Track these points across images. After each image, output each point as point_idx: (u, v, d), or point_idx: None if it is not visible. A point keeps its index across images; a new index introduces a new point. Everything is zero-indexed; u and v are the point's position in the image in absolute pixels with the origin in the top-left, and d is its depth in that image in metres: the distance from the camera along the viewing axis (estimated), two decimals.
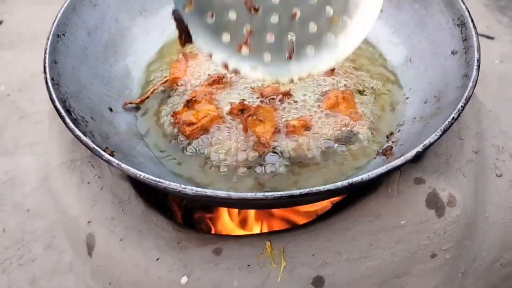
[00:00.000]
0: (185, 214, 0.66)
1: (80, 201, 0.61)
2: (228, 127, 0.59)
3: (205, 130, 0.59)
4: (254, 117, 0.57)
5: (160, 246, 0.56)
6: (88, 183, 0.62)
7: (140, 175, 0.44)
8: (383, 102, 0.63)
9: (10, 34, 1.52)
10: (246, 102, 0.60)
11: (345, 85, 0.63)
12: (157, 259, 0.55)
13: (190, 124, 0.59)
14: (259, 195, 0.42)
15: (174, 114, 0.61)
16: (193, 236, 0.57)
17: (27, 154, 1.25)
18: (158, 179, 0.44)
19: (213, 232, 0.65)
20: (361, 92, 0.63)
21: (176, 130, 0.60)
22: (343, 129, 0.58)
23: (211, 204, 0.60)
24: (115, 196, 0.61)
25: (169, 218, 0.60)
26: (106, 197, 0.61)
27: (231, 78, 0.63)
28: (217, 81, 0.63)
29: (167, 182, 0.44)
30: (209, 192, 0.43)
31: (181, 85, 0.65)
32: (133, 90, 0.66)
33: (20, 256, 1.08)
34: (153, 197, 0.61)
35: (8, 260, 1.07)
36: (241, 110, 0.58)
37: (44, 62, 0.55)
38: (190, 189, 0.43)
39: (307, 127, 0.58)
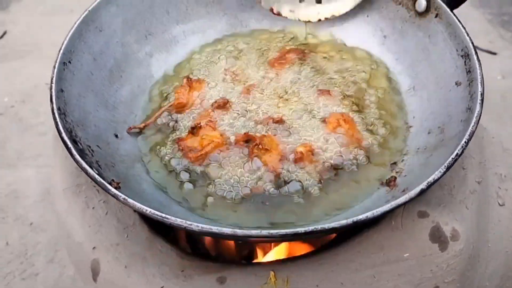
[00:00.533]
0: (189, 239, 0.67)
1: (85, 226, 0.61)
2: (233, 155, 0.59)
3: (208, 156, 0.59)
4: (260, 146, 0.58)
5: (164, 273, 0.57)
6: (93, 208, 0.62)
7: (146, 210, 0.45)
8: (386, 128, 0.63)
9: (13, 44, 1.53)
10: (251, 133, 0.60)
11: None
12: (161, 287, 0.56)
13: (195, 150, 0.60)
14: (264, 232, 0.43)
15: (179, 141, 0.61)
16: (197, 263, 0.58)
17: (30, 166, 1.26)
18: (164, 215, 0.44)
19: (214, 255, 0.65)
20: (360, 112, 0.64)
21: (179, 156, 0.60)
22: (346, 156, 0.59)
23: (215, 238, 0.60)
24: (120, 222, 0.61)
25: (173, 244, 0.60)
26: (111, 223, 0.61)
27: (232, 104, 0.64)
28: (221, 106, 0.63)
29: (173, 218, 0.44)
30: (214, 229, 0.43)
31: (186, 110, 0.65)
32: (138, 115, 0.66)
33: (23, 270, 1.08)
34: (157, 223, 0.62)
35: (11, 273, 1.08)
36: (246, 141, 0.59)
37: (51, 92, 0.55)
38: (196, 226, 0.43)
39: (312, 153, 0.58)
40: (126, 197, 0.46)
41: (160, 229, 0.61)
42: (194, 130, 0.61)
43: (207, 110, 0.64)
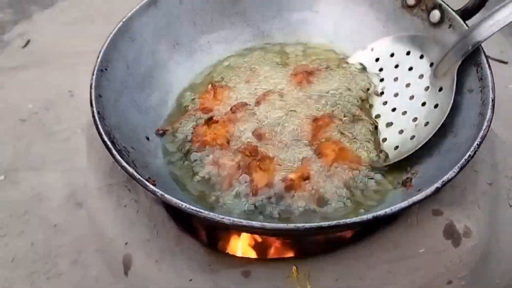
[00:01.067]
0: (213, 237, 0.71)
1: (117, 224, 0.65)
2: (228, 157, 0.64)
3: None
4: (258, 163, 0.61)
5: (193, 267, 0.60)
6: (125, 206, 0.66)
7: (182, 205, 0.48)
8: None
9: (37, 53, 1.58)
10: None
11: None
12: (190, 280, 0.59)
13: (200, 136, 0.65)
14: (291, 226, 0.46)
15: (195, 127, 0.66)
16: (223, 259, 0.61)
17: (54, 170, 1.30)
18: (198, 209, 0.48)
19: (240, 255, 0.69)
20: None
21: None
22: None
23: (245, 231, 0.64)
24: (150, 220, 0.65)
25: (200, 241, 0.64)
26: (142, 220, 0.65)
27: (248, 110, 0.67)
28: (239, 108, 0.67)
29: (206, 212, 0.48)
30: (244, 222, 0.47)
31: (209, 114, 0.69)
32: (166, 119, 0.70)
33: (47, 270, 1.12)
34: (185, 220, 0.66)
35: (36, 273, 1.12)
36: (250, 152, 0.63)
37: (91, 97, 0.59)
38: (227, 219, 0.47)
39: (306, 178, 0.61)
40: (164, 193, 0.50)
41: (188, 227, 0.65)
42: (209, 122, 0.66)
43: (227, 112, 0.68)
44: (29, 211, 1.22)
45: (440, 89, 0.62)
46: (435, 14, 0.68)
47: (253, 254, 0.69)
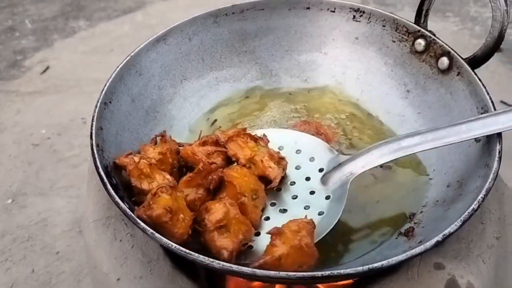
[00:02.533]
0: (210, 276, 0.69)
1: (111, 258, 0.64)
2: None
3: None
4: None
5: None
6: (120, 240, 0.65)
7: (172, 245, 0.47)
8: (406, 180, 0.65)
9: (55, 79, 1.62)
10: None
11: None
12: None
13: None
14: (282, 274, 0.45)
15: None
16: None
17: (61, 196, 1.31)
18: (187, 251, 0.47)
19: None
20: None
21: None
22: None
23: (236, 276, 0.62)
24: (144, 255, 0.64)
25: (194, 280, 0.62)
26: (136, 256, 0.64)
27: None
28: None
29: (196, 255, 0.46)
30: (234, 267, 0.45)
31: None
32: None
33: None
34: (179, 259, 0.64)
35: None
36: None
37: (91, 129, 0.59)
38: (217, 263, 0.46)
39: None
40: (154, 232, 0.49)
41: (182, 265, 0.64)
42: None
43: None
44: (33, 237, 1.22)
45: (328, 197, 0.59)
46: (444, 61, 0.68)
47: None
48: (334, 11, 0.77)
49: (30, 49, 1.72)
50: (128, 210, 0.51)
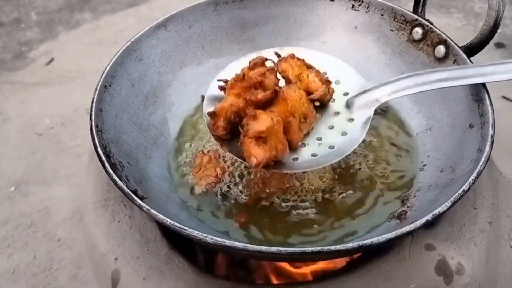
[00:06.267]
0: (206, 258, 0.70)
1: (110, 239, 0.65)
2: None
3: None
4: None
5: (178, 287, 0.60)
6: (119, 221, 0.66)
7: (166, 221, 0.48)
8: (401, 165, 0.66)
9: (59, 71, 1.63)
10: None
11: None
12: None
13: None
14: (273, 249, 0.46)
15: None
16: (212, 281, 0.60)
17: (63, 185, 1.32)
18: (181, 226, 0.48)
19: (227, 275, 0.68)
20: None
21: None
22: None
23: (231, 254, 0.63)
24: (142, 236, 0.65)
25: (190, 261, 0.63)
26: (134, 237, 0.65)
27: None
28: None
29: (190, 230, 0.48)
30: (227, 242, 0.46)
31: None
32: (168, 139, 0.71)
33: (46, 283, 1.12)
34: (177, 239, 0.65)
35: (36, 286, 1.12)
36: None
37: (91, 111, 0.60)
38: (210, 238, 0.47)
39: None
40: (150, 208, 0.50)
41: (179, 245, 0.65)
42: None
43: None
44: (35, 224, 1.23)
45: (351, 120, 0.61)
46: (440, 49, 0.68)
47: (242, 280, 0.68)
48: (333, 0, 0.78)
49: (35, 40, 1.73)
50: (125, 188, 0.52)
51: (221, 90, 0.61)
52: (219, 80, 0.62)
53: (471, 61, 0.65)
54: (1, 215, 1.26)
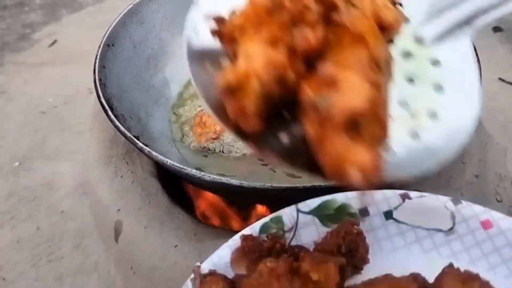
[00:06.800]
0: (203, 210, 0.73)
1: (112, 192, 0.68)
2: None
3: None
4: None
5: (179, 236, 0.62)
6: (121, 177, 0.69)
7: (166, 161, 0.51)
8: None
9: (62, 52, 1.66)
10: None
11: None
12: (175, 246, 0.61)
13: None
14: (267, 185, 0.48)
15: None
16: (209, 230, 0.63)
17: (66, 161, 1.34)
18: (181, 166, 0.50)
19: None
20: None
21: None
22: None
23: (226, 194, 0.65)
24: (144, 190, 0.68)
25: (189, 213, 0.66)
26: (136, 190, 0.68)
27: None
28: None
29: (189, 169, 0.50)
30: (224, 179, 0.49)
31: None
32: (168, 99, 0.74)
33: (50, 253, 1.15)
34: (177, 193, 0.68)
35: (38, 256, 1.15)
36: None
37: (94, 65, 0.63)
38: (208, 176, 0.49)
39: None
40: (151, 150, 0.52)
41: (178, 199, 0.68)
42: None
43: None
44: (38, 198, 1.26)
45: (436, 63, 0.37)
46: None
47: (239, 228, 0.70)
48: None
49: (39, 23, 1.76)
50: (127, 133, 0.55)
51: (217, 36, 0.37)
52: (212, 19, 0.37)
53: None
54: (5, 189, 1.28)
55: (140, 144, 0.53)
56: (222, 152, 0.66)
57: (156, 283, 0.60)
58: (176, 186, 0.69)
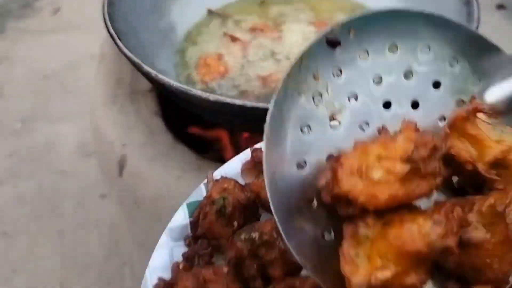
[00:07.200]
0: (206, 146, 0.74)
1: (117, 129, 0.69)
2: None
3: None
4: None
5: (183, 168, 0.64)
6: (126, 114, 0.71)
7: (173, 84, 0.53)
8: None
9: (65, 20, 1.67)
10: None
11: None
12: (178, 177, 0.63)
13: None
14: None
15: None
16: (212, 163, 0.65)
17: (68, 124, 1.36)
18: (188, 88, 0.52)
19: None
20: None
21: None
22: None
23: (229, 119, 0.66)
24: (148, 127, 0.69)
25: (193, 150, 0.68)
26: (140, 127, 0.69)
27: None
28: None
29: (195, 90, 0.52)
30: (228, 100, 0.51)
31: None
32: (173, 44, 0.75)
33: (51, 210, 1.17)
34: (180, 131, 0.70)
35: (40, 212, 1.17)
36: None
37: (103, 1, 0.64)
38: (212, 96, 0.51)
39: None
40: (157, 73, 0.54)
41: (183, 136, 0.69)
42: None
43: None
44: (41, 158, 1.28)
45: None
46: None
47: None
48: None
49: None
50: (135, 58, 0.56)
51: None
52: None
53: None
54: (7, 149, 1.30)
55: (146, 67, 0.54)
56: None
57: (160, 214, 0.61)
58: (179, 126, 0.70)
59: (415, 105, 0.32)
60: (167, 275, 0.37)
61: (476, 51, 0.32)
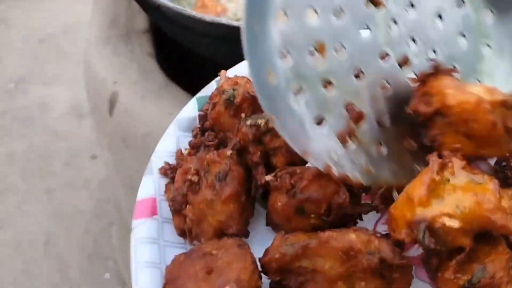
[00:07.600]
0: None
1: (110, 67, 0.68)
2: None
3: None
4: None
5: (174, 105, 0.63)
6: (120, 55, 0.69)
7: (170, 5, 0.51)
8: None
9: None
10: None
11: None
12: (169, 114, 0.62)
13: None
14: None
15: None
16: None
17: (62, 86, 1.35)
18: (183, 8, 0.51)
19: None
20: None
21: None
22: None
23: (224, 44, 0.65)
24: (141, 67, 0.68)
25: (185, 89, 0.66)
26: (133, 67, 0.68)
27: None
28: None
29: (189, 11, 0.51)
30: (223, 20, 0.49)
31: None
32: None
33: (41, 168, 1.15)
34: (173, 71, 0.68)
35: (30, 170, 1.15)
36: None
37: None
38: (208, 17, 0.50)
39: None
40: None
41: (175, 76, 0.68)
42: None
43: None
44: (33, 118, 1.26)
45: None
46: None
47: None
48: None
49: None
50: None
51: None
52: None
53: None
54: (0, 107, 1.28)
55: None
56: None
57: (149, 153, 0.60)
58: (173, 66, 0.69)
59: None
60: (172, 162, 0.38)
61: None
